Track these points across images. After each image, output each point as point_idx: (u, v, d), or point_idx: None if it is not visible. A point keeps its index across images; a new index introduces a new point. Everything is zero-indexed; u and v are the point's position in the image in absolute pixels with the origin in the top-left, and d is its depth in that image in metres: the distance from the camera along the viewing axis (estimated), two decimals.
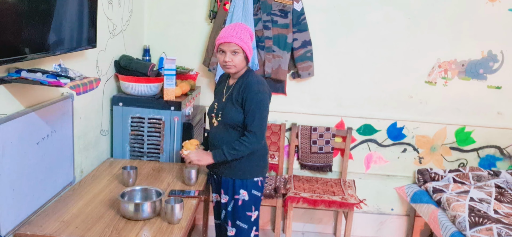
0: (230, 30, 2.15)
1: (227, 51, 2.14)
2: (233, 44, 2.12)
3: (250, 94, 2.15)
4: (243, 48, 2.14)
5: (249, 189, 2.25)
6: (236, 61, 2.15)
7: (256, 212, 2.29)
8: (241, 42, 2.12)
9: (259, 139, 2.18)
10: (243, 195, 2.24)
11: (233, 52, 2.14)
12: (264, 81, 2.25)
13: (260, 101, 2.15)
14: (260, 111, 2.16)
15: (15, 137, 1.72)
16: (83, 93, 1.79)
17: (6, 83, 1.65)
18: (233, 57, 2.14)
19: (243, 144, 2.17)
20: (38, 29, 1.76)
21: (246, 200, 2.25)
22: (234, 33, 2.13)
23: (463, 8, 3.22)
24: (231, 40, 2.12)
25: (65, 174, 2.17)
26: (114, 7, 2.64)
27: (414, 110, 3.39)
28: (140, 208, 1.90)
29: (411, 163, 3.48)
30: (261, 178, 2.30)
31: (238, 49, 2.13)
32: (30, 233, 1.76)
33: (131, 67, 2.69)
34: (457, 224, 2.64)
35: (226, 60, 2.14)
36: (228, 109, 2.21)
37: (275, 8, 3.17)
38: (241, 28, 2.16)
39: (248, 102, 2.15)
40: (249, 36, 2.18)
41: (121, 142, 2.73)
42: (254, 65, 3.15)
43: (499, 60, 3.30)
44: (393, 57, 3.30)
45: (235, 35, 2.12)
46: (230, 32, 2.13)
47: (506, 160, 3.47)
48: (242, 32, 2.14)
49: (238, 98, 2.18)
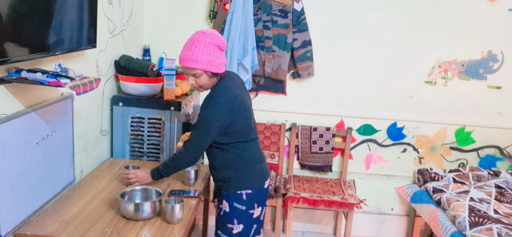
0: (184, 51, 1.93)
1: (189, 74, 1.98)
2: (189, 69, 1.94)
3: (200, 109, 2.01)
4: (204, 68, 1.92)
5: (230, 201, 2.08)
6: (201, 82, 1.97)
7: (240, 226, 2.09)
8: (197, 64, 1.90)
9: (189, 154, 2.03)
10: (225, 206, 2.10)
11: (192, 75, 1.96)
12: (226, 97, 1.97)
13: (201, 118, 1.98)
14: (197, 127, 1.99)
15: (15, 137, 1.72)
16: (83, 93, 1.79)
17: (6, 83, 1.65)
18: (196, 80, 1.97)
19: (174, 158, 2.08)
20: (38, 29, 1.76)
21: (227, 211, 2.09)
22: (188, 54, 1.91)
23: (463, 8, 3.22)
24: (184, 64, 1.93)
25: (65, 174, 2.17)
26: (114, 7, 2.64)
27: (414, 110, 3.39)
28: (140, 208, 1.90)
29: (411, 163, 3.48)
30: (248, 191, 2.07)
31: (197, 72, 1.93)
32: (30, 233, 1.76)
33: (131, 67, 2.69)
34: (457, 224, 2.64)
35: (191, 83, 2.00)
36: None
37: (275, 8, 3.17)
38: (197, 45, 1.91)
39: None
40: (212, 48, 1.92)
41: (121, 142, 2.73)
42: (254, 65, 3.15)
43: (499, 60, 3.30)
44: (393, 57, 3.31)
45: (190, 57, 1.91)
46: (184, 54, 1.93)
47: (506, 160, 3.47)
48: (199, 49, 1.90)
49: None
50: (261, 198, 2.15)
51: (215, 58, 1.93)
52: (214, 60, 1.93)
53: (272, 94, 3.37)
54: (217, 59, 1.94)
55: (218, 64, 1.95)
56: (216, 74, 1.98)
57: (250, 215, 2.11)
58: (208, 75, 1.96)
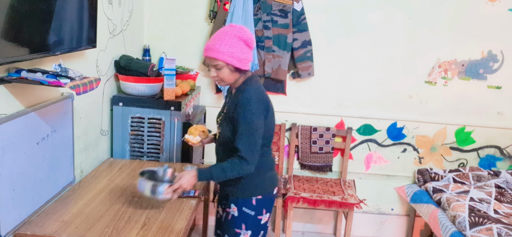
0: (210, 41, 1.89)
1: (210, 65, 1.92)
2: (212, 59, 1.88)
3: (239, 114, 1.88)
4: (226, 61, 1.86)
5: (239, 206, 2.01)
6: (222, 75, 1.90)
7: (248, 232, 2.02)
8: (219, 55, 1.84)
9: (250, 165, 1.89)
10: (233, 210, 2.03)
11: (214, 67, 1.90)
12: (260, 95, 1.94)
13: (248, 123, 1.87)
14: (248, 134, 1.87)
15: (15, 137, 1.72)
16: (83, 93, 1.79)
17: (6, 83, 1.65)
18: (217, 72, 1.90)
19: (235, 169, 1.90)
20: (38, 29, 1.76)
21: (236, 216, 2.02)
22: (212, 44, 1.86)
23: (463, 8, 3.22)
24: (207, 53, 1.88)
25: (65, 174, 2.16)
26: (114, 7, 2.64)
27: (414, 110, 3.39)
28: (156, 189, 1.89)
29: (411, 163, 3.48)
30: (259, 196, 2.01)
31: (219, 63, 1.87)
32: (30, 233, 1.76)
33: (131, 67, 2.69)
34: (457, 224, 2.64)
35: (212, 76, 1.93)
36: (224, 125, 2.00)
37: (275, 8, 3.17)
38: (223, 36, 1.87)
39: (237, 122, 1.89)
40: (237, 41, 1.87)
41: (121, 142, 2.73)
42: (254, 65, 3.15)
43: (499, 60, 3.30)
44: (393, 57, 3.31)
45: (213, 47, 1.85)
46: (209, 44, 1.88)
47: (506, 160, 3.47)
48: (224, 41, 1.85)
49: (230, 114, 1.95)
50: (270, 205, 2.09)
51: (239, 52, 1.86)
52: (238, 54, 1.86)
53: (272, 94, 3.37)
54: (241, 54, 1.87)
55: (242, 59, 1.88)
56: (239, 69, 1.90)
57: (258, 221, 2.05)
58: (230, 68, 1.88)
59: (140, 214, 1.97)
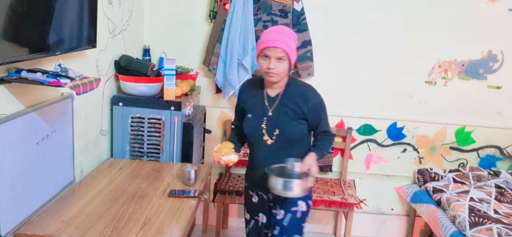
0: (275, 34, 1.94)
1: (272, 57, 1.93)
2: (279, 50, 1.91)
3: (315, 103, 2.03)
4: (289, 55, 1.94)
5: (306, 199, 2.10)
6: (280, 69, 1.95)
7: (305, 224, 2.17)
8: (287, 48, 1.92)
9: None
10: (301, 207, 2.09)
11: (278, 59, 1.93)
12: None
13: (324, 104, 2.08)
14: (326, 116, 2.11)
15: (15, 137, 1.72)
16: (83, 93, 1.79)
17: (6, 83, 1.65)
18: (277, 64, 1.94)
19: (331, 144, 2.12)
20: (38, 29, 1.76)
21: (304, 211, 2.11)
22: (281, 37, 1.92)
23: (463, 8, 3.22)
24: (277, 44, 1.91)
25: (65, 174, 2.17)
26: (114, 7, 2.64)
27: (414, 110, 3.39)
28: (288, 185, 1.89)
29: (411, 163, 3.48)
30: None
31: (284, 55, 1.93)
32: (30, 233, 1.76)
33: (131, 67, 2.69)
34: (457, 224, 2.64)
35: (270, 67, 1.94)
36: (286, 123, 2.01)
37: (275, 8, 3.17)
38: (286, 32, 1.97)
39: (315, 111, 2.03)
40: (294, 41, 2.00)
41: (121, 142, 2.73)
42: (254, 65, 3.15)
43: (499, 60, 3.30)
44: (393, 57, 3.30)
45: (282, 39, 1.92)
46: (276, 36, 1.93)
47: (506, 160, 3.47)
48: (288, 36, 1.95)
49: (297, 110, 2.01)
50: None
51: (296, 54, 2.02)
52: (295, 55, 2.01)
53: None
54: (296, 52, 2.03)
55: (295, 56, 2.02)
56: (290, 69, 2.02)
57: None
58: (289, 65, 1.98)
59: (140, 214, 1.97)
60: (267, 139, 2.03)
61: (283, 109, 2.02)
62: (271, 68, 1.93)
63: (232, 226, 3.56)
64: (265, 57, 1.95)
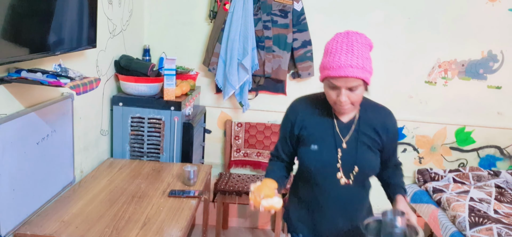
0: (345, 56, 1.46)
1: (343, 87, 1.48)
2: (352, 79, 1.46)
3: (394, 132, 1.68)
4: (368, 80, 1.51)
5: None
6: (354, 98, 1.51)
7: None
8: (363, 73, 1.47)
9: None
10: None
11: (349, 89, 1.49)
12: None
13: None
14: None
15: (15, 137, 1.72)
16: (83, 93, 1.79)
17: (6, 83, 1.65)
18: (350, 94, 1.49)
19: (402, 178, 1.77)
20: (38, 29, 1.76)
21: None
22: (353, 60, 1.45)
23: (463, 8, 3.22)
24: (349, 72, 1.44)
25: (65, 174, 2.16)
26: (114, 7, 2.64)
27: (414, 110, 3.39)
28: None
29: (411, 163, 3.48)
30: None
31: (359, 83, 1.49)
32: (30, 233, 1.76)
33: (131, 67, 2.69)
34: (457, 224, 2.64)
35: (342, 101, 1.50)
36: (367, 158, 1.61)
37: (275, 8, 3.17)
38: (359, 49, 1.48)
39: (393, 140, 1.69)
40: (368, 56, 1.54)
41: (121, 142, 2.73)
42: (254, 65, 3.15)
43: (499, 60, 3.30)
44: (393, 57, 3.30)
45: (354, 63, 1.45)
46: (346, 59, 1.45)
47: (506, 160, 3.47)
48: (361, 55, 1.48)
49: (377, 139, 1.62)
50: None
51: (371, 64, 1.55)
52: (371, 67, 1.55)
53: (272, 94, 3.37)
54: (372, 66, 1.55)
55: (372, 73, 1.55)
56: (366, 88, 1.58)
57: None
58: (364, 88, 1.55)
59: (140, 214, 1.97)
60: (341, 177, 1.60)
61: (361, 139, 1.61)
62: (343, 103, 1.50)
63: (232, 226, 3.56)
64: (333, 87, 1.50)
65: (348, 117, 1.63)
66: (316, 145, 1.61)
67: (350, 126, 1.62)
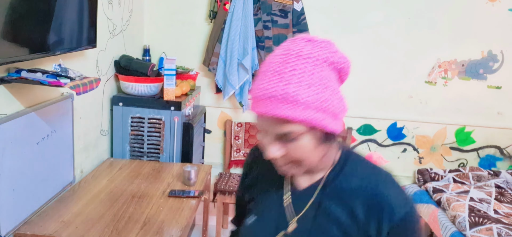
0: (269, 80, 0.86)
1: (270, 133, 0.90)
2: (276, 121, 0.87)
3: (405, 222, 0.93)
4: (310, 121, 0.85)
5: None
6: (294, 154, 0.90)
7: None
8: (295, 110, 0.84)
9: None
10: None
11: (282, 138, 0.89)
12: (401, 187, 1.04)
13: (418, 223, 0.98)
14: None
15: (15, 137, 1.72)
16: (83, 93, 1.79)
17: (6, 83, 1.65)
18: (288, 147, 0.90)
19: None
20: (38, 29, 1.76)
21: None
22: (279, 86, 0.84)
23: (463, 8, 3.22)
24: (264, 109, 0.87)
25: (65, 174, 2.16)
26: (114, 7, 2.64)
27: (414, 110, 3.39)
28: None
29: (411, 163, 3.48)
30: None
31: (294, 129, 0.87)
32: (30, 233, 1.76)
33: (131, 67, 2.70)
34: (457, 224, 2.64)
35: (270, 156, 0.91)
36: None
37: (275, 8, 3.17)
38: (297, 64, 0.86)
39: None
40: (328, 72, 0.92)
41: (121, 142, 2.73)
42: (254, 65, 3.15)
43: (499, 60, 3.30)
44: (393, 57, 3.30)
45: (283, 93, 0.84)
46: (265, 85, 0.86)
47: (506, 160, 3.47)
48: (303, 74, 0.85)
49: (347, 224, 0.94)
50: None
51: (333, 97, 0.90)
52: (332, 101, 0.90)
53: None
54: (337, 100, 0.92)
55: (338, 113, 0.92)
56: (331, 135, 0.93)
57: None
58: (315, 137, 0.90)
59: (140, 214, 1.97)
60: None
61: (320, 221, 0.96)
62: (270, 156, 0.92)
63: None
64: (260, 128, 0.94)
65: (310, 180, 1.00)
66: (255, 217, 1.04)
67: (310, 196, 0.98)
